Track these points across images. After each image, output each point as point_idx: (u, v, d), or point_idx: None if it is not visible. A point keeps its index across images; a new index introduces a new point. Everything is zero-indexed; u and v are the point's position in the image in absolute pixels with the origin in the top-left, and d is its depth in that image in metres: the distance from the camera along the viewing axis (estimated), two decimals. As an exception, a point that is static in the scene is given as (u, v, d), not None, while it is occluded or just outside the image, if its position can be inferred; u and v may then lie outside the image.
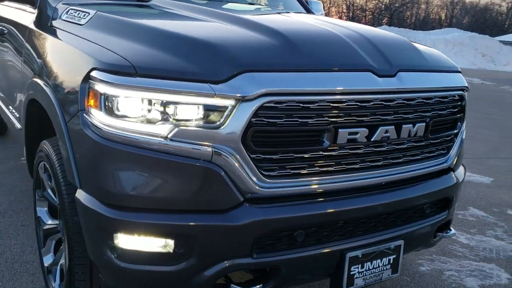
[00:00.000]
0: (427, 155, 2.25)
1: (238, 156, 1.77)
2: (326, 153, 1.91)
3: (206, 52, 1.85)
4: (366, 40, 2.12)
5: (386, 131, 2.00)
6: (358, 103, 1.91)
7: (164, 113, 1.77)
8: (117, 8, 2.66)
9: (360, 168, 2.01)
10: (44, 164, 2.39)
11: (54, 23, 2.50)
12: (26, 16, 2.96)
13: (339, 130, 1.89)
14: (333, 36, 2.11)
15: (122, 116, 1.79)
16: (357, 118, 1.92)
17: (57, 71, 2.19)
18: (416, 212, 2.27)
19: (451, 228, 2.52)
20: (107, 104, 1.80)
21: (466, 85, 2.34)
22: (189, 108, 1.76)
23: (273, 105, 1.77)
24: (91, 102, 1.86)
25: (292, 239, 1.92)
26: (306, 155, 1.87)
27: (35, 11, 2.82)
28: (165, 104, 1.76)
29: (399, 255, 2.19)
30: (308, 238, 1.94)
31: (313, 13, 3.76)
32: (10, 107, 3.28)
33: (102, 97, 1.80)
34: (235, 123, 1.74)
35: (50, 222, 2.54)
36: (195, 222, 1.80)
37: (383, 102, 1.97)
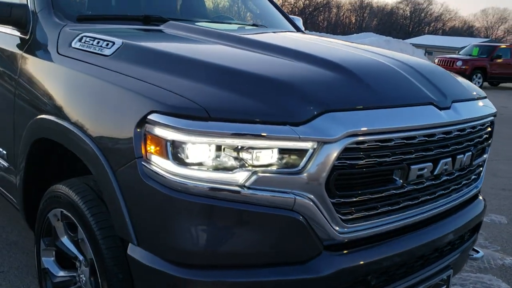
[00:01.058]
0: (467, 182, 2.27)
1: (320, 202, 1.66)
2: (398, 191, 1.84)
3: (282, 91, 1.72)
4: (415, 71, 2.09)
5: (446, 164, 1.98)
6: (426, 138, 1.87)
7: (240, 159, 1.61)
8: (137, 35, 2.41)
9: (421, 203, 1.97)
10: (62, 212, 2.11)
11: (64, 51, 2.21)
12: (10, 41, 2.61)
13: (411, 167, 1.84)
14: (389, 68, 2.05)
15: (193, 165, 1.61)
16: (424, 153, 1.88)
17: (89, 110, 1.92)
18: (459, 239, 2.29)
19: (479, 249, 2.58)
20: (175, 151, 1.61)
21: (496, 110, 2.39)
22: (268, 153, 1.62)
23: (355, 146, 1.67)
24: (152, 149, 1.65)
25: (366, 284, 1.83)
26: (379, 195, 1.80)
27: (26, 36, 2.48)
28: (242, 149, 1.61)
29: (448, 285, 2.19)
30: (380, 280, 1.87)
31: (302, 30, 3.70)
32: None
33: (169, 144, 1.61)
34: (318, 167, 1.63)
35: (62, 274, 2.26)
36: (277, 276, 1.66)
37: (444, 135, 1.95)
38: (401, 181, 1.83)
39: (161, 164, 1.63)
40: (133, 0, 3.03)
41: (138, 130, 1.68)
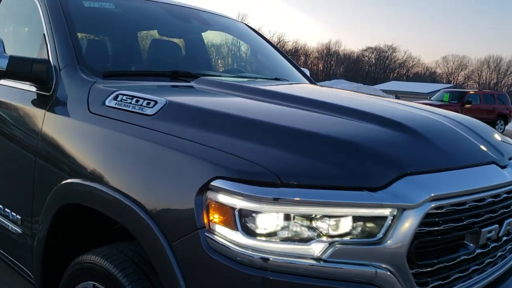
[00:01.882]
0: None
1: (401, 274, 1.53)
2: (468, 256, 1.74)
3: (355, 152, 1.62)
4: (469, 129, 2.04)
5: (509, 224, 1.90)
6: (493, 199, 1.79)
7: (315, 229, 1.49)
8: (167, 92, 2.29)
9: (485, 266, 1.87)
10: (94, 285, 1.91)
11: (97, 110, 2.07)
12: (27, 98, 2.46)
13: (482, 230, 1.74)
14: (448, 127, 1.99)
15: (264, 236, 1.47)
16: (491, 215, 1.80)
17: (137, 175, 1.76)
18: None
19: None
20: (244, 221, 1.47)
21: None
22: (346, 222, 1.50)
23: (435, 211, 1.57)
24: (216, 218, 1.51)
25: None
26: (453, 262, 1.69)
27: (48, 93, 2.33)
28: (317, 218, 1.48)
29: None
30: None
31: (314, 82, 3.66)
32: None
33: (237, 213, 1.47)
34: (399, 235, 1.51)
35: None
36: None
37: (507, 194, 1.88)
38: (473, 245, 1.73)
39: (227, 235, 1.49)
40: (158, 56, 2.93)
41: (200, 197, 1.54)
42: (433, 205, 1.55)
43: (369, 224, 1.52)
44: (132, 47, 2.87)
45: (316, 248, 1.47)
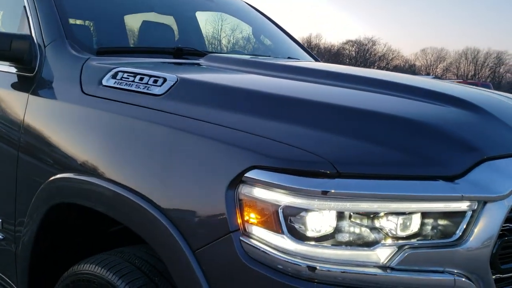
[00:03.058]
0: None
1: (482, 280, 1.24)
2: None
3: (423, 134, 1.32)
4: None
5: None
6: None
7: (380, 230, 1.19)
8: (175, 69, 1.96)
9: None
10: None
11: (93, 90, 1.73)
12: (6, 81, 2.10)
13: None
14: (499, 100, 1.71)
15: (317, 240, 1.16)
16: None
17: (148, 167, 1.44)
18: None
19: None
20: (290, 222, 1.16)
21: None
22: (417, 220, 1.20)
23: (522, 202, 1.28)
24: (253, 218, 1.20)
25: None
26: None
27: (31, 74, 1.98)
28: (382, 216, 1.18)
29: None
30: None
31: (319, 60, 3.36)
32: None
33: (281, 211, 1.16)
34: (481, 234, 1.22)
35: None
36: None
37: None
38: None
39: (269, 240, 1.17)
40: (159, 32, 2.59)
41: (231, 192, 1.23)
42: None
43: (445, 222, 1.22)
44: (129, 21, 2.52)
45: (382, 254, 1.17)
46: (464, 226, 1.21)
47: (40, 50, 1.99)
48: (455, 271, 1.20)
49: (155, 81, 1.62)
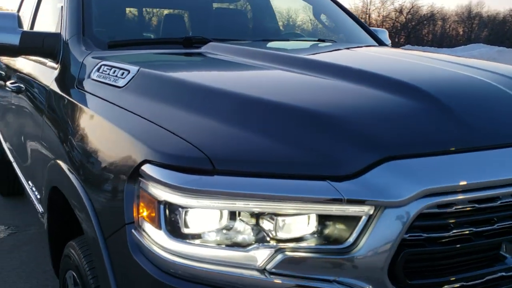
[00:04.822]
0: None
1: None
2: (509, 273, 1.23)
3: (318, 127, 1.20)
4: None
5: None
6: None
7: (259, 231, 1.12)
8: (164, 60, 2.03)
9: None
10: (73, 275, 1.75)
11: (82, 84, 1.88)
12: (46, 72, 2.37)
13: (532, 237, 1.21)
14: (491, 88, 1.45)
15: (193, 238, 1.14)
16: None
17: (88, 158, 1.55)
18: None
19: None
20: (170, 218, 1.15)
21: None
22: (301, 222, 1.11)
23: (436, 210, 1.11)
24: (144, 213, 1.22)
25: None
26: (480, 281, 1.20)
27: (57, 66, 2.22)
28: (261, 216, 1.12)
29: None
30: None
31: (385, 44, 3.11)
32: (30, 183, 2.67)
33: (162, 207, 1.16)
34: (377, 243, 1.08)
35: None
36: None
37: None
38: (513, 258, 1.21)
39: (152, 235, 1.18)
40: (178, 21, 2.67)
41: (131, 186, 1.26)
42: (431, 203, 1.08)
43: (335, 226, 1.11)
44: (146, 15, 2.64)
45: (260, 255, 1.11)
46: (358, 233, 1.09)
47: (63, 46, 2.21)
48: (345, 281, 1.09)
49: (122, 74, 1.70)
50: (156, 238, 1.17)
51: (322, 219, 1.11)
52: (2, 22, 2.27)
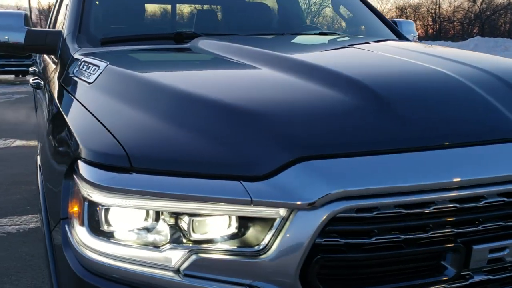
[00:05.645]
0: None
1: None
2: (451, 285, 1.12)
3: (239, 125, 1.15)
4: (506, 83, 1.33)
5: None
6: (505, 199, 1.12)
7: (174, 231, 1.09)
8: (139, 56, 2.03)
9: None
10: None
11: (65, 80, 1.92)
12: (50, 69, 2.46)
13: (474, 247, 1.10)
14: (452, 84, 1.32)
15: (113, 237, 1.13)
16: (503, 223, 1.13)
17: (46, 154, 1.59)
18: None
19: None
20: (91, 216, 1.15)
21: None
22: (214, 223, 1.07)
23: (354, 215, 1.03)
24: (74, 208, 1.22)
25: None
26: None
27: (57, 62, 2.29)
28: (176, 216, 1.09)
29: None
30: None
31: (405, 37, 2.94)
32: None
33: (86, 204, 1.16)
34: (288, 247, 1.02)
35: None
36: None
37: None
38: (454, 270, 1.10)
39: (77, 232, 1.18)
40: (184, 17, 2.67)
41: (67, 182, 1.27)
42: (345, 207, 1.01)
43: (251, 228, 1.06)
44: (143, 10, 2.65)
45: (174, 256, 1.08)
46: (270, 236, 1.03)
47: (62, 43, 2.27)
48: (258, 284, 1.04)
49: (94, 70, 1.72)
50: (80, 235, 1.17)
51: (238, 221, 1.06)
52: (9, 21, 2.38)
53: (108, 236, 1.13)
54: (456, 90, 1.29)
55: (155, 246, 1.10)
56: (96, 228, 1.13)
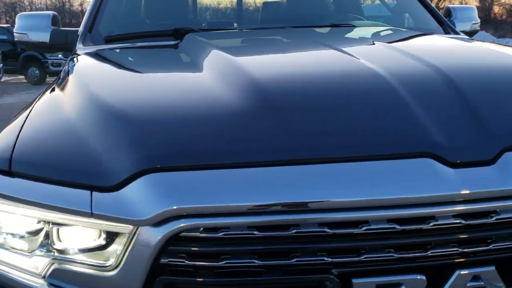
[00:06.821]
0: None
1: None
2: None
3: (113, 132, 1.09)
4: (453, 87, 1.11)
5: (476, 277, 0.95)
6: (397, 226, 0.93)
7: (42, 238, 1.07)
8: (121, 54, 2.04)
9: None
10: None
11: (58, 79, 1.99)
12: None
13: (354, 280, 0.93)
14: (372, 84, 1.13)
15: None
16: (396, 255, 0.94)
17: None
18: None
19: None
20: None
21: None
22: (73, 234, 1.04)
23: (199, 234, 0.92)
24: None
25: None
26: None
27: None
28: (42, 224, 1.07)
29: None
30: None
31: (451, 27, 2.59)
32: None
33: None
34: (133, 264, 0.95)
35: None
36: None
37: (461, 220, 0.94)
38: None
39: None
40: (180, 12, 2.62)
41: None
42: (186, 225, 0.90)
43: (106, 242, 1.01)
44: (150, 6, 2.62)
45: (40, 263, 1.07)
46: (120, 252, 0.97)
47: (76, 42, 2.37)
48: None
49: (63, 72, 1.77)
50: None
51: (95, 234, 1.01)
52: (38, 21, 2.53)
53: None
54: (372, 94, 1.09)
55: (26, 252, 1.09)
56: None
